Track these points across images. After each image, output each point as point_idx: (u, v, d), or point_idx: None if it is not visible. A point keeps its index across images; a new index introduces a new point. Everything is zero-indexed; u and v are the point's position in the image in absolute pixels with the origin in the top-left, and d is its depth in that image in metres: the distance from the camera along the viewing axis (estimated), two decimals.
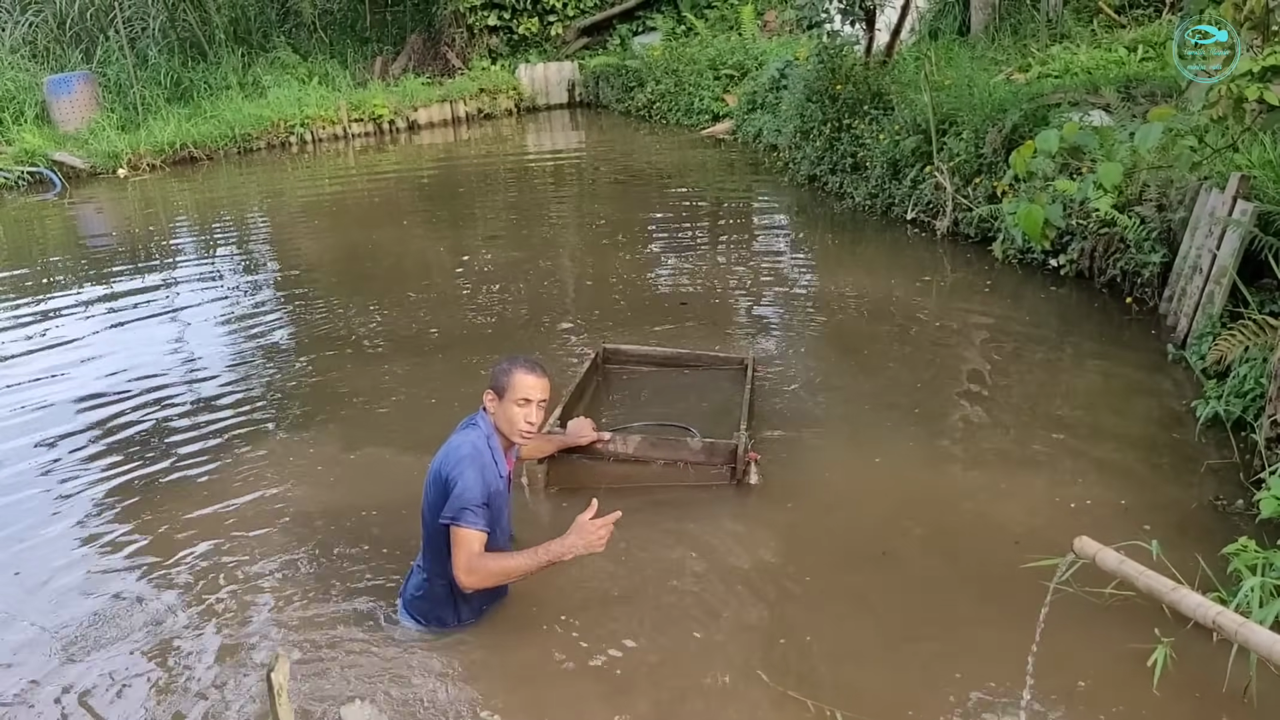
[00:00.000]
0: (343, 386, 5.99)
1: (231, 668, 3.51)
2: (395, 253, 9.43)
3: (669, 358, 5.65)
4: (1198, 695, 3.05)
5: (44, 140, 14.31)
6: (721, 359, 5.62)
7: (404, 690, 3.32)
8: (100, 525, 4.59)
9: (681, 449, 4.48)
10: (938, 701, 3.14)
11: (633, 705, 3.23)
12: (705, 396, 5.34)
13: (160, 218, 12.19)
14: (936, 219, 8.12)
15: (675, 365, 5.62)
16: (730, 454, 4.42)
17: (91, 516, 4.68)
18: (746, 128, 12.83)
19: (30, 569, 4.26)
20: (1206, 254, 5.49)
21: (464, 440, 3.41)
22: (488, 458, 3.38)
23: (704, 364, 5.60)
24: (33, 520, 4.67)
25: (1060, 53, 9.87)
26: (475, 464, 3.32)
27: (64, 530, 4.57)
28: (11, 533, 4.55)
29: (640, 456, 4.47)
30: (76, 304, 8.36)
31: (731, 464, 4.42)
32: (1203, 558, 3.53)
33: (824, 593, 3.75)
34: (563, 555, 3.28)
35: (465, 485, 3.26)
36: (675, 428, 4.89)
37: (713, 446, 4.45)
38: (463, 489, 3.26)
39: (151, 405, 5.92)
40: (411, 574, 3.64)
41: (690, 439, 4.53)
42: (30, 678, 3.53)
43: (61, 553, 4.38)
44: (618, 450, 4.46)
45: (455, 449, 3.39)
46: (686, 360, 5.62)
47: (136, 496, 4.80)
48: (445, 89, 17.26)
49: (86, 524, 4.62)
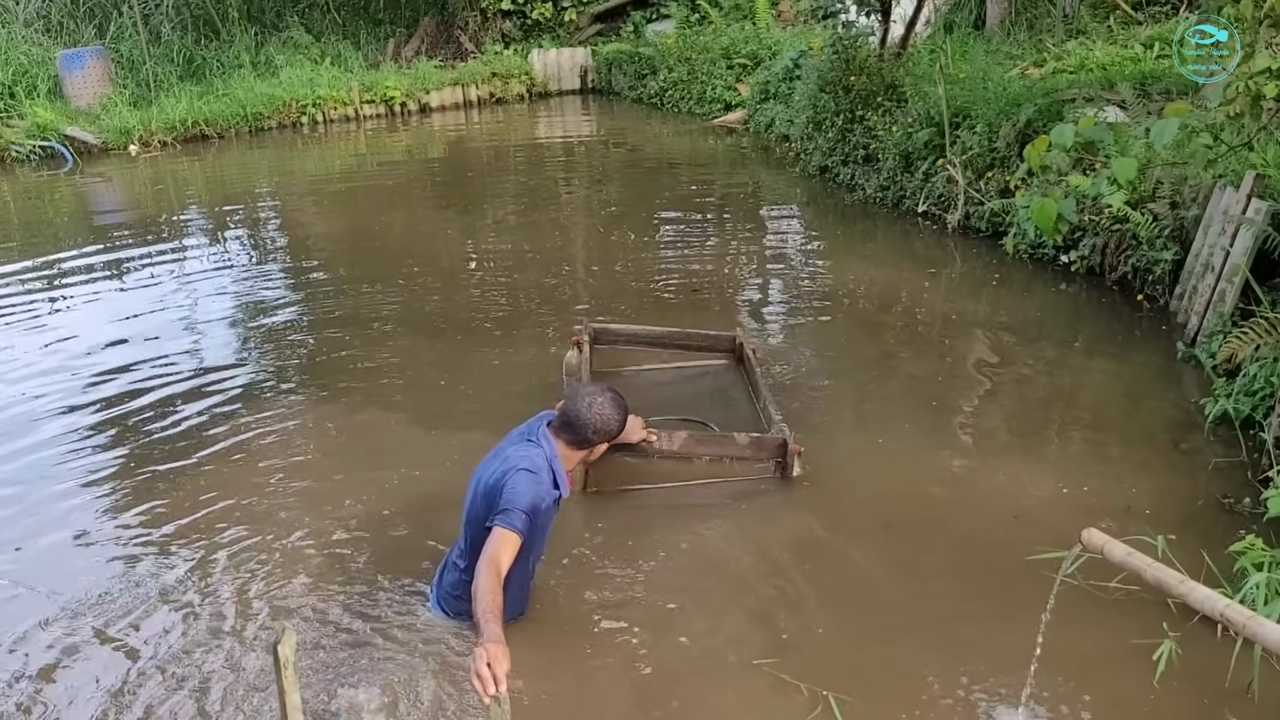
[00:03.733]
0: (351, 365, 6.01)
1: (237, 642, 3.54)
2: (404, 234, 9.44)
3: (658, 337, 5.55)
4: (1201, 690, 3.05)
5: (56, 115, 14.29)
6: (711, 338, 5.54)
7: (407, 673, 3.34)
8: (105, 499, 4.62)
9: (728, 444, 4.42)
10: (938, 690, 3.15)
11: (628, 684, 3.27)
12: (699, 381, 5.33)
13: (171, 195, 12.19)
14: (948, 212, 8.10)
15: (664, 345, 5.53)
16: (779, 448, 4.39)
17: (95, 489, 4.71)
18: (759, 118, 12.79)
19: (33, 542, 4.29)
20: (1219, 252, 5.48)
21: (525, 455, 3.38)
22: (546, 477, 3.37)
23: (694, 343, 5.52)
24: (36, 491, 4.70)
25: (1076, 48, 9.81)
26: (532, 480, 3.31)
27: (68, 503, 4.60)
28: (17, 505, 4.58)
29: (686, 453, 4.36)
30: (86, 278, 8.39)
31: (779, 458, 4.40)
32: (1208, 554, 3.54)
33: (827, 578, 3.77)
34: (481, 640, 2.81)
35: (517, 495, 3.26)
36: (693, 422, 4.83)
37: (760, 441, 4.41)
38: (513, 497, 3.25)
39: (157, 379, 5.95)
40: (446, 569, 3.60)
41: (736, 434, 4.46)
42: (28, 650, 3.56)
43: (66, 525, 4.41)
44: (663, 448, 4.33)
45: (515, 463, 3.35)
46: (676, 340, 5.53)
47: (141, 471, 4.83)
48: (457, 72, 17.23)
49: (91, 497, 4.65)
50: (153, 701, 3.27)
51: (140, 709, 3.25)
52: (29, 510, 4.53)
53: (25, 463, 5.00)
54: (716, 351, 5.52)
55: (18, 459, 5.04)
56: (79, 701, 3.30)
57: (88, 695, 3.33)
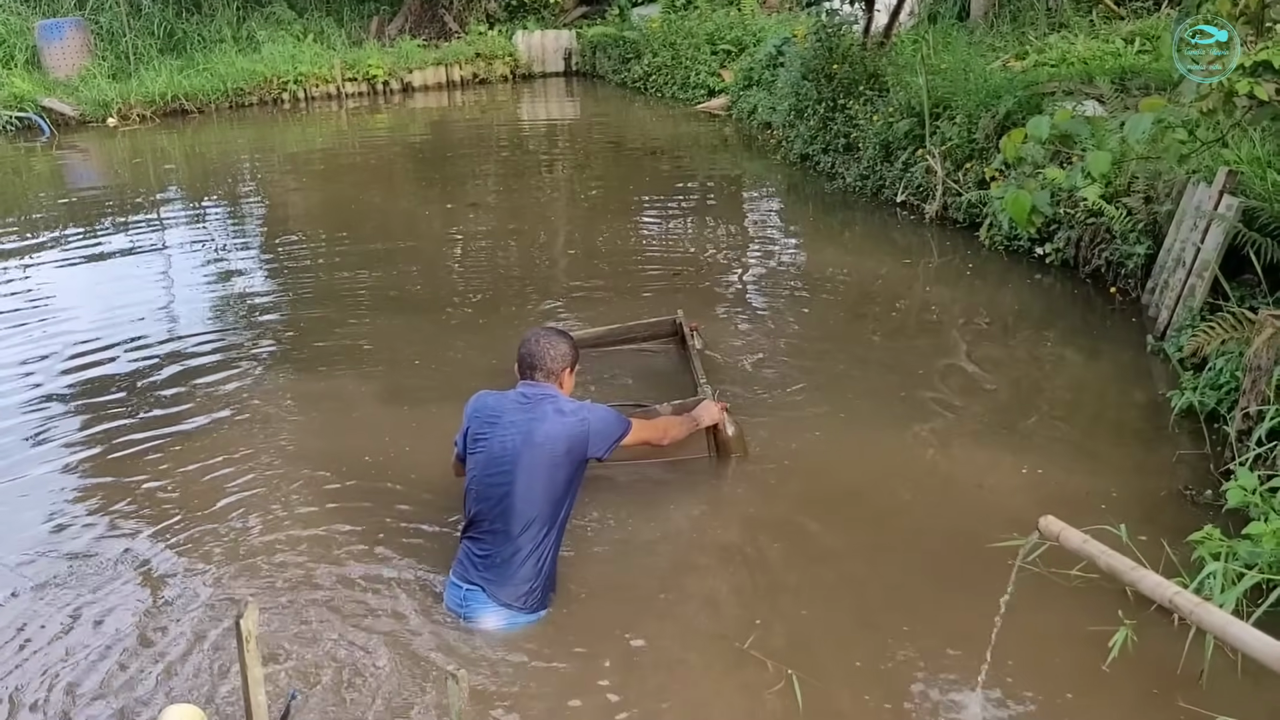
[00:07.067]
0: (325, 340, 6.05)
1: (208, 616, 3.54)
2: (383, 213, 9.41)
3: (601, 338, 5.53)
4: (1154, 677, 3.10)
5: (33, 86, 14.15)
6: (652, 325, 5.59)
7: (370, 650, 3.36)
8: (78, 474, 4.62)
9: (653, 418, 4.45)
10: (896, 671, 3.20)
11: (594, 657, 3.30)
12: (648, 365, 5.40)
13: (149, 168, 12.10)
14: (926, 203, 8.13)
15: (609, 344, 5.53)
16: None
17: (68, 464, 4.71)
18: (741, 104, 12.77)
19: (7, 514, 4.28)
20: (1190, 247, 5.53)
21: (575, 403, 3.66)
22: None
23: (638, 335, 5.55)
24: (10, 466, 4.69)
25: (1058, 42, 9.85)
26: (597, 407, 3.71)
27: (40, 478, 4.59)
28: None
29: None
30: (60, 251, 8.35)
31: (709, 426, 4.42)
32: (1168, 544, 3.58)
33: (793, 561, 3.81)
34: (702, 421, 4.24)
35: (602, 413, 3.66)
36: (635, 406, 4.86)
37: (683, 407, 4.43)
38: (603, 414, 3.65)
39: (131, 352, 5.97)
40: (507, 565, 3.43)
41: (659, 405, 4.49)
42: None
43: (40, 499, 4.41)
44: None
45: (571, 410, 3.57)
46: (619, 336, 5.51)
47: (114, 444, 4.83)
48: (441, 52, 17.11)
49: (63, 472, 4.64)
50: (114, 670, 3.29)
51: (100, 676, 3.26)
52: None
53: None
54: (660, 337, 5.58)
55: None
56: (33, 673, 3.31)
57: (46, 666, 3.33)
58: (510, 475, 3.43)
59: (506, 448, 3.46)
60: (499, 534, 3.43)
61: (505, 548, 3.42)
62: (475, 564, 3.47)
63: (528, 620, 3.44)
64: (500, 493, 3.43)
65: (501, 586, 3.40)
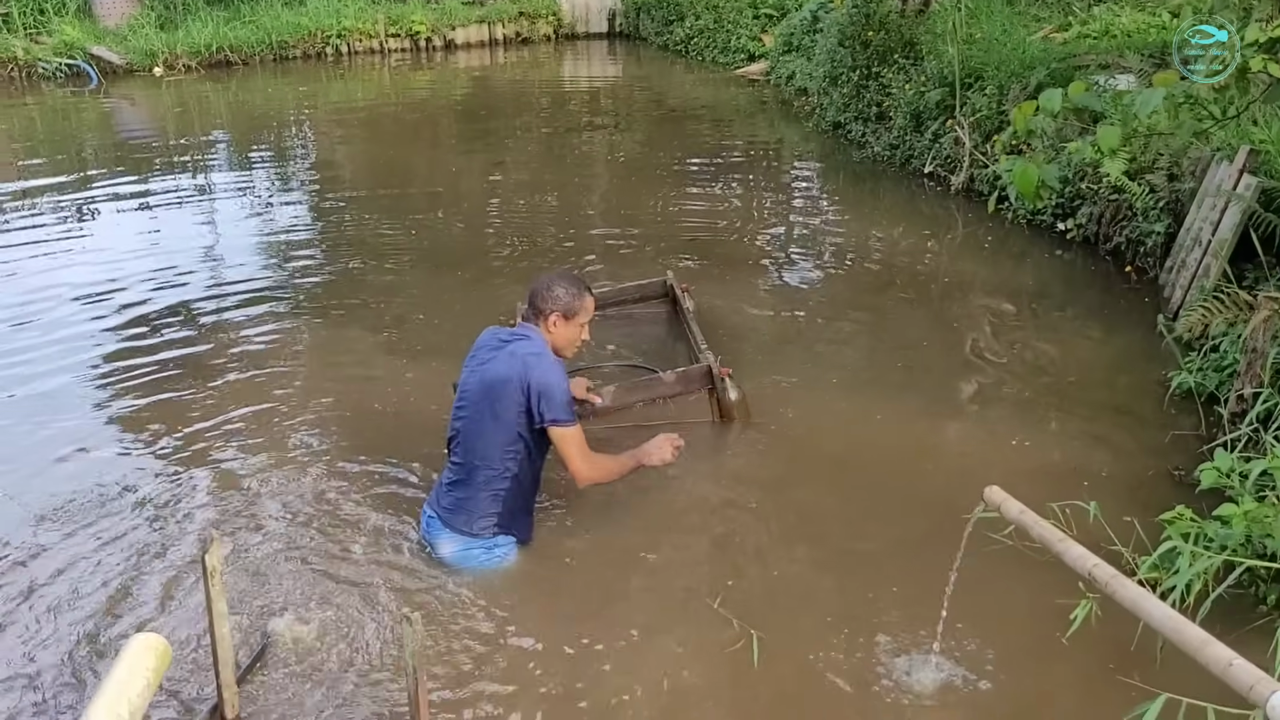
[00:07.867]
0: (361, 292, 6.27)
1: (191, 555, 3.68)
2: (424, 169, 9.59)
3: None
4: (1111, 651, 3.12)
5: (83, 34, 14.40)
6: (642, 287, 5.53)
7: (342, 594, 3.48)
8: (101, 411, 4.83)
9: (657, 386, 4.47)
10: (852, 636, 3.25)
11: (560, 606, 3.42)
12: (643, 330, 5.44)
13: (193, 118, 12.33)
14: (953, 174, 8.05)
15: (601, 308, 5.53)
16: (705, 376, 4.46)
17: (91, 402, 4.93)
18: (780, 69, 12.67)
19: (22, 446, 4.48)
20: (1208, 227, 5.44)
21: (537, 349, 3.52)
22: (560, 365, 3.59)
23: (628, 297, 5.49)
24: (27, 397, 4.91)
25: (1103, 13, 9.65)
26: (560, 368, 3.53)
27: (51, 404, 4.85)
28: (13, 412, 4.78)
29: (620, 405, 4.35)
30: (107, 195, 8.68)
31: (709, 385, 4.47)
32: (1144, 523, 3.58)
33: (774, 525, 3.87)
34: (645, 461, 3.65)
35: (561, 387, 3.45)
36: (638, 368, 4.92)
37: (686, 374, 4.47)
38: (558, 390, 3.43)
39: (168, 297, 6.25)
40: (465, 496, 3.54)
41: (662, 373, 4.53)
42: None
43: (48, 430, 4.60)
44: (597, 405, 4.23)
45: (537, 357, 3.48)
46: (610, 300, 5.38)
47: (141, 384, 5.06)
48: (485, 10, 17.13)
49: (88, 408, 4.87)
50: (95, 597, 3.44)
51: (80, 603, 3.42)
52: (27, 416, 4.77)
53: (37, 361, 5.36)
54: (651, 299, 5.54)
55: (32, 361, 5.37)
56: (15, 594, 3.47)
57: (32, 585, 3.51)
58: (465, 410, 3.57)
59: (468, 383, 3.60)
60: (457, 466, 3.59)
61: (462, 479, 3.56)
62: (440, 492, 3.64)
63: (483, 552, 3.54)
64: (459, 426, 3.59)
65: (455, 514, 3.55)
